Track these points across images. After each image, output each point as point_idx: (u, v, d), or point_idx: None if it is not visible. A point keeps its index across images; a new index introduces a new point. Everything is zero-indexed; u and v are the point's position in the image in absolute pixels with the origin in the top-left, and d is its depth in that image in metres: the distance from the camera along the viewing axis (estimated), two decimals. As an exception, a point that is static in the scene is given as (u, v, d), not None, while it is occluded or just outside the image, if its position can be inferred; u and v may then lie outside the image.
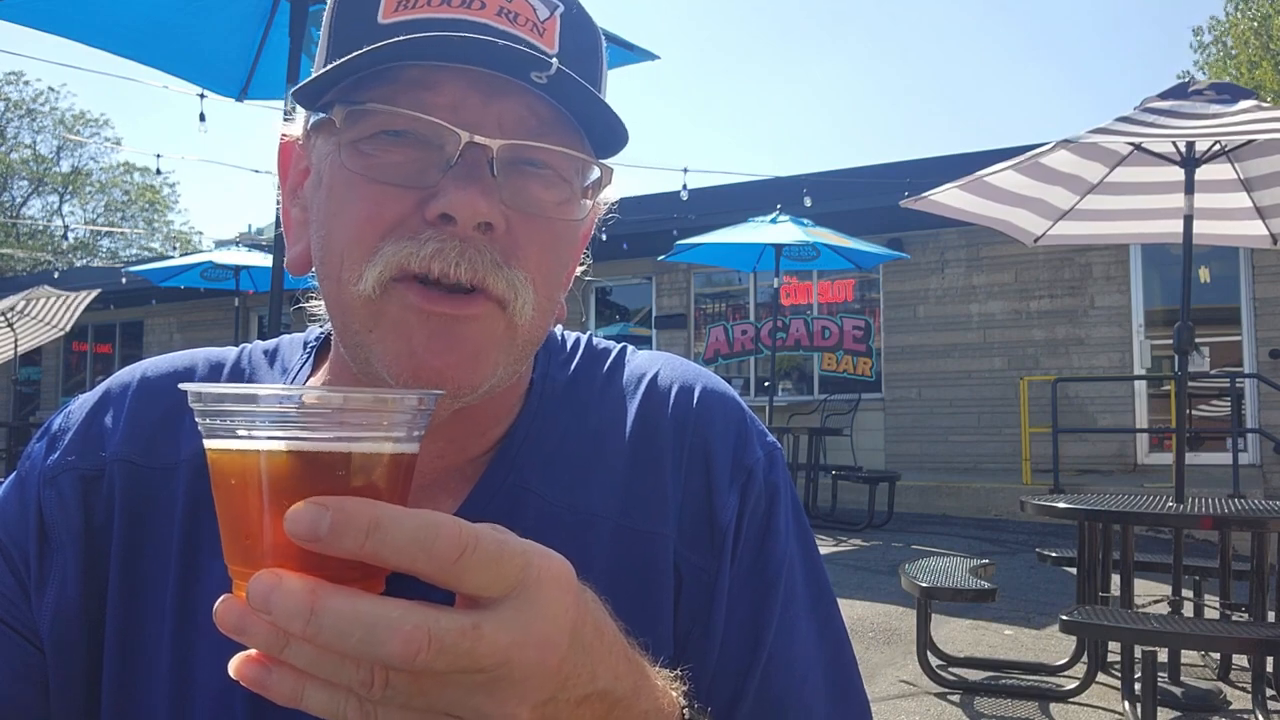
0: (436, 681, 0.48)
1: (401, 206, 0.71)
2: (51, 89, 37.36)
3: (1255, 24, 23.77)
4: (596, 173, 0.78)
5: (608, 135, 0.74)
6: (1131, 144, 4.91)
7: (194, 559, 0.79)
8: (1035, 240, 5.98)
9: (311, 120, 0.76)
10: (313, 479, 0.49)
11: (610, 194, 0.85)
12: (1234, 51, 24.60)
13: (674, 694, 0.64)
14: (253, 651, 0.50)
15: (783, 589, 0.82)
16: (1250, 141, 4.72)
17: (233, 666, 0.50)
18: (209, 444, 0.53)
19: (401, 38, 0.68)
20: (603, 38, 0.81)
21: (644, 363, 0.90)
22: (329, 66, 0.70)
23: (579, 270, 0.89)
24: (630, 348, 0.93)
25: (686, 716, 0.64)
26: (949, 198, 5.51)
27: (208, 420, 0.53)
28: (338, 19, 0.75)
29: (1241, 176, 5.31)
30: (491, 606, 0.49)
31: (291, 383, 0.86)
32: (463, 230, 0.69)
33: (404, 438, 0.53)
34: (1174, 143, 4.60)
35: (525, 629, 0.49)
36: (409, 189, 0.71)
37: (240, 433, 0.51)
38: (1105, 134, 4.42)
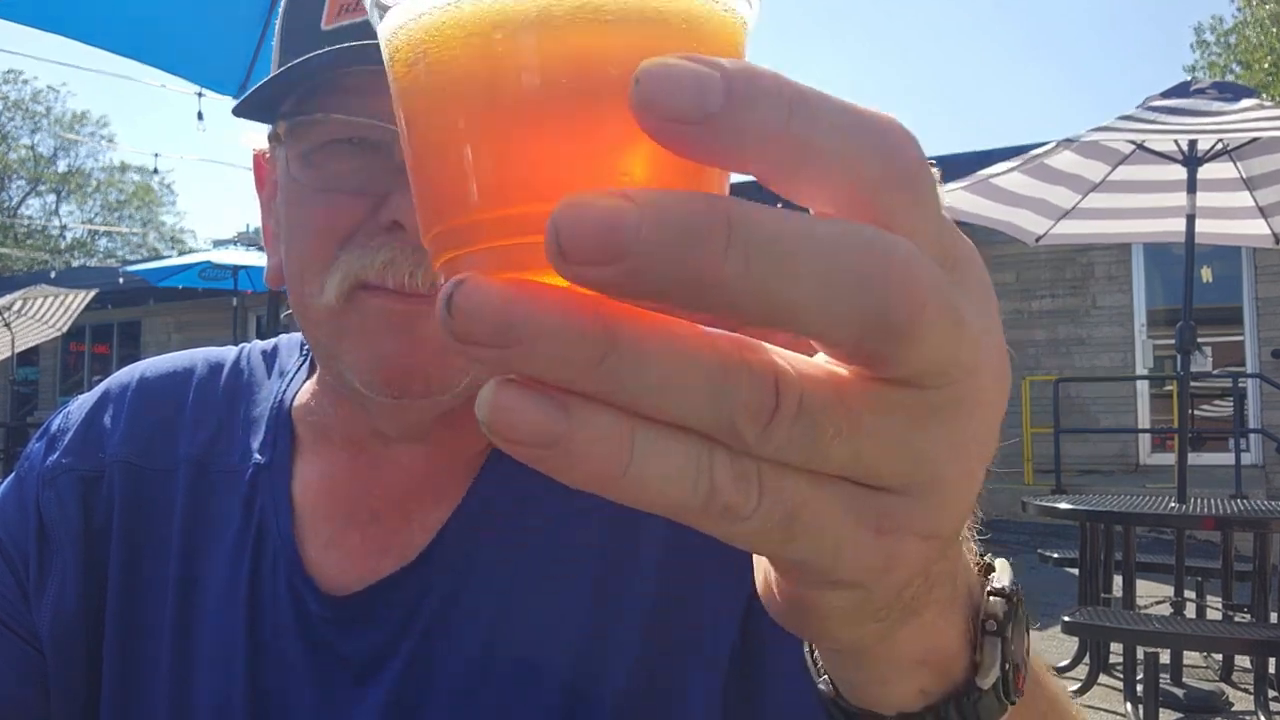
0: (874, 405, 0.27)
1: (354, 215, 0.70)
2: (51, 88, 37.41)
3: (1276, 8, 23.67)
4: None
5: None
6: (1134, 142, 4.91)
7: (194, 561, 0.79)
8: (1037, 240, 5.97)
9: (267, 133, 0.76)
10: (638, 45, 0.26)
11: None
12: (1252, 36, 24.46)
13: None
14: (519, 378, 0.26)
15: None
16: (1253, 140, 4.71)
17: (484, 407, 0.25)
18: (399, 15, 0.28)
19: (324, 50, 0.67)
20: None
21: None
22: (258, 84, 0.70)
23: None
24: None
25: (981, 555, 0.47)
26: (950, 197, 5.50)
27: None
28: (284, 28, 0.75)
29: (1244, 175, 5.31)
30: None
31: (287, 389, 0.85)
32: (414, 237, 0.68)
33: None
34: (1176, 141, 4.60)
35: (989, 317, 0.30)
36: (360, 196, 0.70)
37: None
38: (1107, 132, 4.41)
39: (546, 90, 0.26)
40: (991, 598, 0.42)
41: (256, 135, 0.79)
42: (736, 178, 0.33)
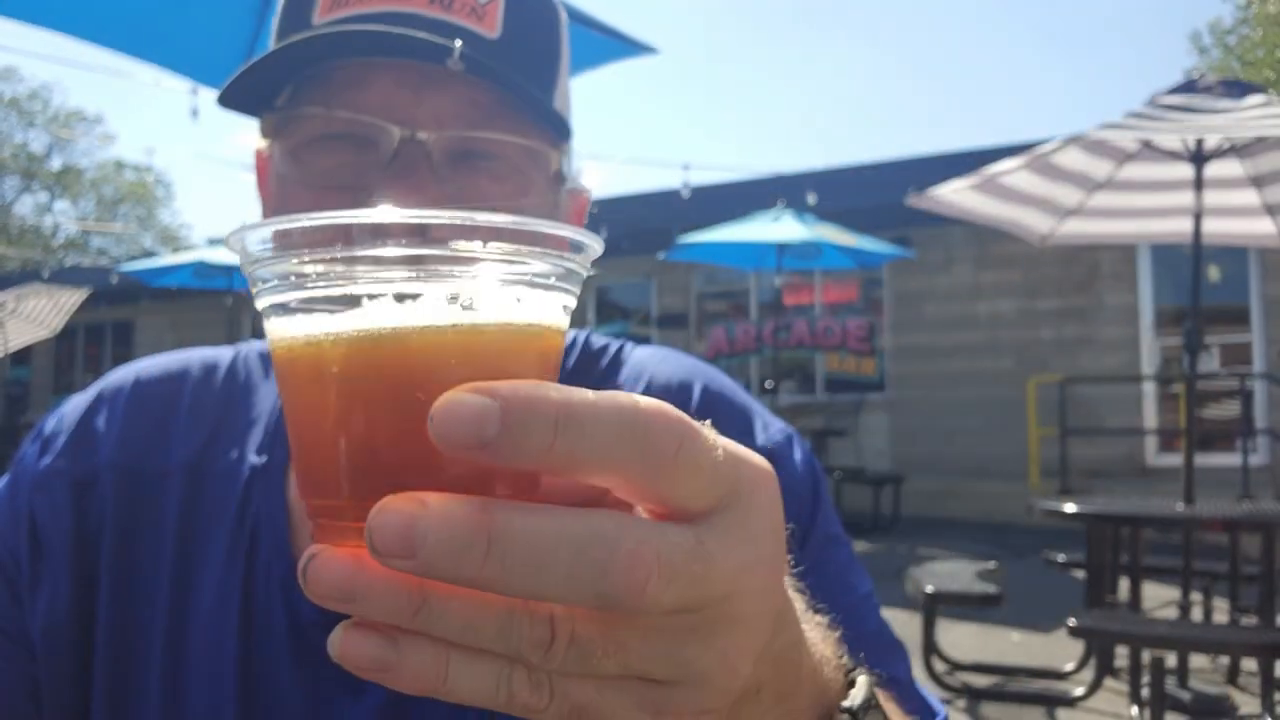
0: (641, 630, 0.35)
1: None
2: (46, 86, 37.50)
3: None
4: (558, 163, 0.76)
5: (556, 121, 0.72)
6: (1141, 140, 4.87)
7: (187, 568, 0.78)
8: (1043, 239, 5.94)
9: (260, 129, 0.77)
10: (444, 369, 0.34)
11: (591, 180, 0.84)
12: (1252, 35, 24.41)
13: (830, 645, 0.53)
14: (363, 620, 0.35)
15: (829, 564, 0.81)
16: (1260, 138, 4.67)
17: (334, 646, 0.35)
18: (279, 329, 0.36)
19: (296, 37, 0.67)
20: (562, 14, 0.78)
21: (644, 358, 0.89)
22: (237, 72, 0.69)
23: None
24: (629, 344, 0.91)
25: (849, 670, 0.53)
26: (956, 195, 5.48)
27: (269, 287, 0.35)
28: (280, 23, 0.75)
29: (1250, 173, 5.27)
30: (705, 521, 0.35)
31: None
32: None
33: (565, 311, 0.37)
34: (1183, 139, 4.57)
35: (752, 548, 0.36)
36: (348, 191, 0.70)
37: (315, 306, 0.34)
38: (1114, 129, 4.39)
39: (376, 412, 0.34)
40: (841, 714, 0.50)
41: (258, 137, 0.79)
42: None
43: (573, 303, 0.38)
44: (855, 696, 0.51)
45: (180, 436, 0.82)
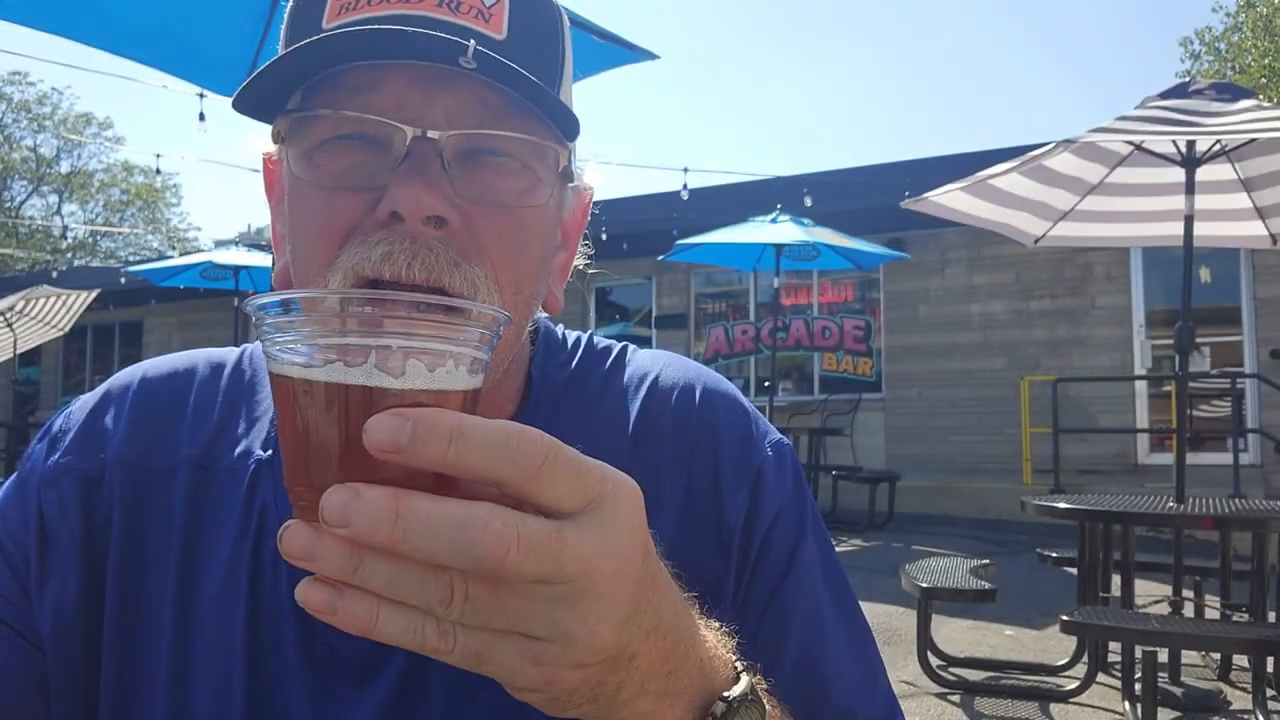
0: (517, 594, 0.46)
1: (354, 211, 0.70)
2: (55, 90, 37.38)
3: (1268, 12, 23.58)
4: (566, 160, 0.77)
5: (565, 118, 0.72)
6: (1132, 143, 4.91)
7: (193, 562, 0.79)
8: (1035, 241, 5.98)
9: (271, 134, 0.76)
10: (383, 404, 0.47)
11: (594, 179, 0.84)
12: (1240, 42, 24.40)
13: (725, 649, 0.63)
14: (320, 576, 0.47)
15: (805, 583, 0.81)
16: (1251, 141, 4.71)
17: (299, 592, 0.46)
18: (276, 367, 0.50)
19: (311, 39, 0.67)
20: (564, 17, 0.79)
21: (646, 362, 0.89)
22: (254, 74, 0.70)
23: (580, 263, 0.88)
24: (632, 347, 0.92)
25: (739, 669, 0.63)
26: (949, 199, 5.50)
27: (274, 337, 0.49)
28: (289, 28, 0.75)
29: (1241, 176, 5.30)
30: (571, 518, 0.47)
31: None
32: (412, 228, 0.68)
33: (473, 367, 0.50)
34: (1174, 142, 4.60)
35: (606, 540, 0.47)
36: (361, 192, 0.70)
37: (300, 355, 0.48)
38: (1106, 133, 4.41)
39: (336, 430, 0.47)
40: (718, 702, 0.59)
41: (266, 141, 0.79)
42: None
43: (485, 355, 0.50)
44: (737, 689, 0.60)
45: (187, 433, 0.83)
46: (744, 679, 0.62)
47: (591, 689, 0.51)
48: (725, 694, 0.60)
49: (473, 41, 0.65)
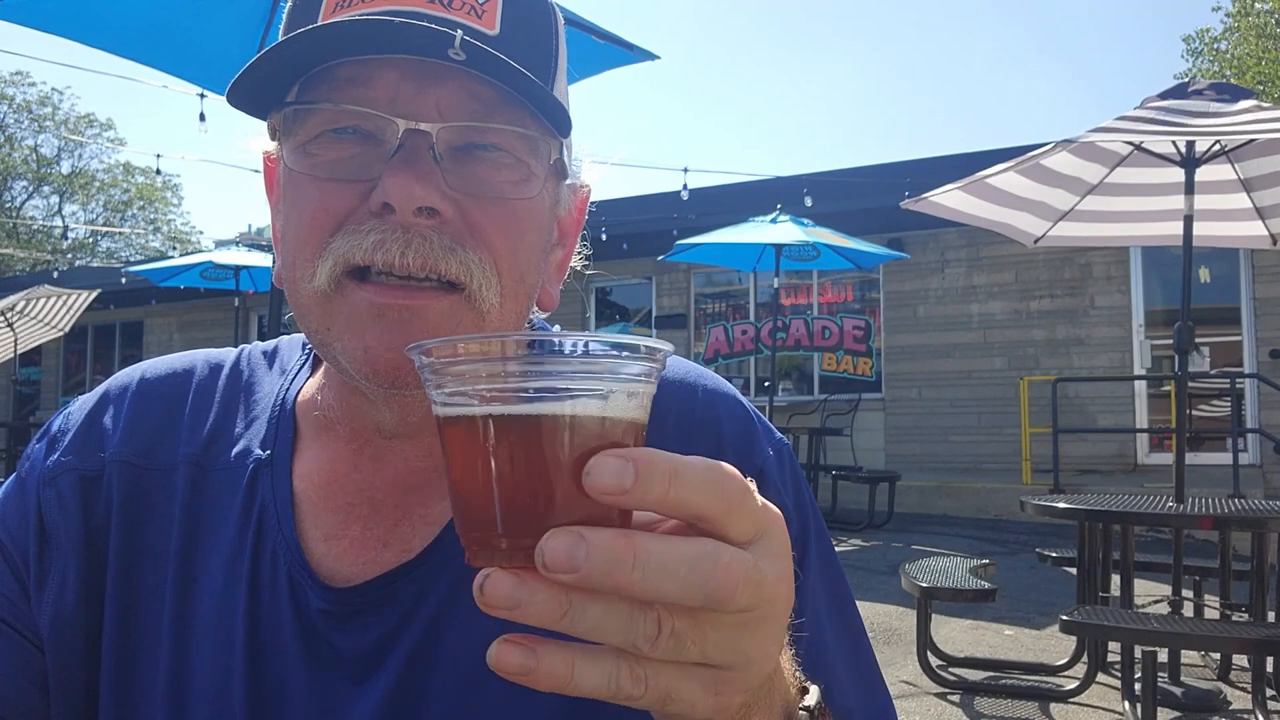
0: (713, 625, 0.47)
1: (346, 201, 0.71)
2: (56, 90, 37.38)
3: (1262, 19, 23.62)
4: (559, 152, 0.77)
5: (558, 113, 0.72)
6: (1131, 144, 4.91)
7: (192, 561, 0.79)
8: (1035, 241, 5.98)
9: (267, 131, 0.77)
10: (581, 441, 0.46)
11: (591, 177, 0.84)
12: (1239, 47, 24.44)
13: (789, 659, 0.63)
14: (510, 636, 0.46)
15: (807, 588, 0.81)
16: (1250, 141, 4.71)
17: (493, 656, 0.45)
18: (455, 410, 0.47)
19: (304, 29, 0.68)
20: (558, 14, 0.79)
21: None
22: (243, 68, 0.70)
23: (577, 263, 0.88)
24: None
25: (802, 680, 0.64)
26: (949, 199, 5.51)
27: (449, 381, 0.47)
28: (287, 28, 0.76)
29: (1241, 177, 5.31)
30: (751, 547, 0.47)
31: (289, 385, 0.86)
32: (403, 218, 0.69)
33: (644, 401, 0.50)
34: (1174, 142, 4.60)
35: (778, 566, 0.49)
36: (353, 183, 0.71)
37: (482, 397, 0.46)
38: (1105, 133, 4.41)
39: (535, 470, 0.45)
40: (800, 711, 0.61)
41: (266, 140, 0.79)
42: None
43: (653, 389, 0.50)
44: (810, 699, 0.62)
45: (185, 432, 0.83)
46: (813, 689, 0.63)
47: (744, 711, 0.53)
48: (803, 703, 0.61)
49: (459, 32, 0.65)
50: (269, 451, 0.81)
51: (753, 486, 0.48)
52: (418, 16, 0.68)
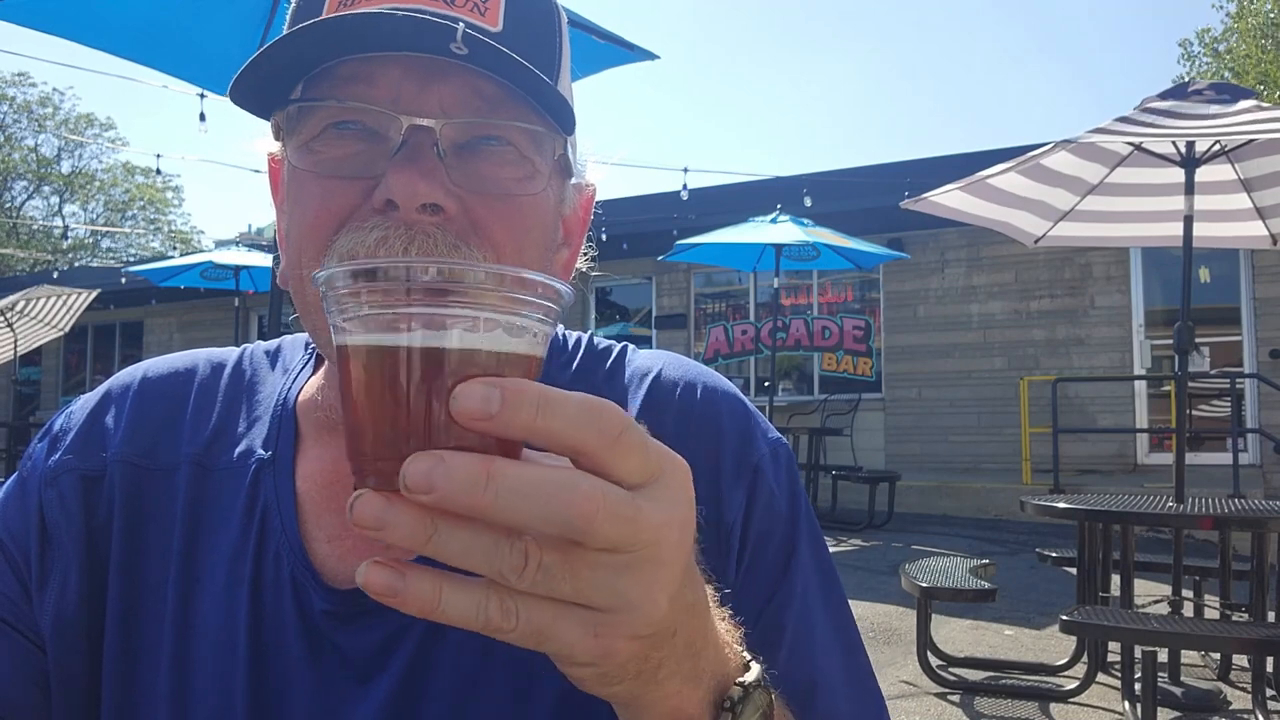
0: (587, 563, 0.46)
1: (350, 198, 0.71)
2: (57, 90, 37.39)
3: (1262, 19, 23.65)
4: (563, 149, 0.76)
5: (562, 109, 0.72)
6: (1131, 144, 4.91)
7: (194, 561, 0.79)
8: (1035, 241, 5.98)
9: (271, 130, 0.77)
10: (457, 371, 0.46)
11: (594, 175, 0.84)
12: (1240, 47, 24.46)
13: (735, 637, 0.63)
14: (380, 558, 0.46)
15: (797, 584, 0.81)
16: (1250, 141, 4.71)
17: (360, 576, 0.45)
18: (344, 338, 0.48)
19: (304, 24, 0.67)
20: (561, 12, 0.79)
21: (646, 361, 0.89)
22: (244, 65, 0.70)
23: (581, 264, 0.88)
24: (631, 346, 0.92)
25: (747, 657, 0.63)
26: (949, 199, 5.51)
27: (342, 308, 0.48)
28: (290, 26, 0.75)
29: (1241, 177, 5.31)
30: (638, 489, 0.47)
31: (292, 384, 0.86)
32: (407, 215, 0.69)
33: (539, 337, 0.50)
34: (1174, 143, 4.60)
35: (670, 510, 0.48)
36: (357, 180, 0.71)
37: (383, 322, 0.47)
38: (1105, 134, 4.41)
39: (414, 397, 0.45)
40: (734, 686, 0.60)
41: (269, 141, 0.79)
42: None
43: (550, 329, 0.50)
44: (749, 676, 0.61)
45: (187, 432, 0.83)
46: (755, 667, 0.62)
47: (639, 664, 0.51)
48: (740, 679, 0.60)
49: (461, 25, 0.65)
50: (271, 451, 0.81)
51: (643, 428, 0.47)
52: (420, 13, 0.68)
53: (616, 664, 0.50)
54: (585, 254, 0.88)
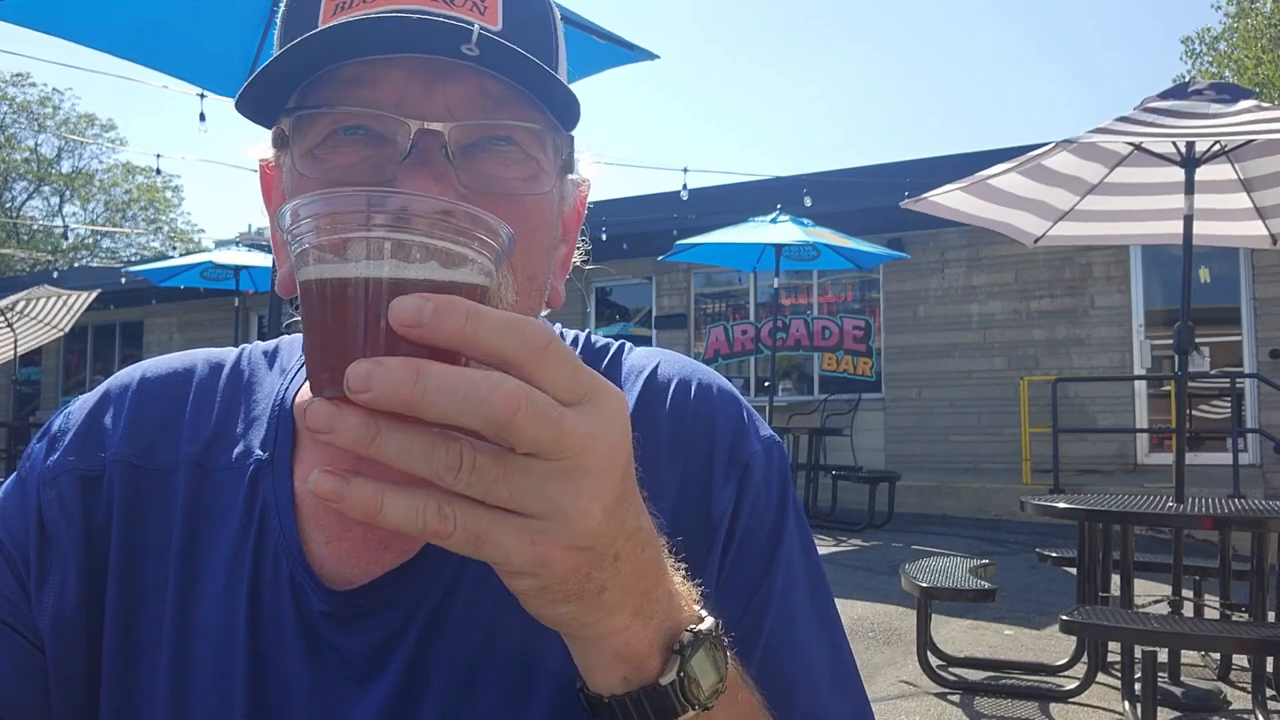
0: (518, 468, 0.49)
1: None
2: (57, 90, 37.39)
3: (1261, 20, 23.68)
4: (568, 149, 0.77)
5: (566, 106, 0.72)
6: (1131, 144, 4.91)
7: (194, 561, 0.79)
8: (1035, 241, 5.99)
9: (271, 138, 0.76)
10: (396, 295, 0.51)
11: (590, 171, 0.84)
12: (1235, 50, 24.51)
13: (691, 593, 0.64)
14: (329, 468, 0.49)
15: (781, 580, 0.81)
16: (1250, 141, 4.72)
17: (311, 482, 0.49)
18: (305, 273, 0.52)
19: (309, 34, 0.67)
20: (555, 9, 0.79)
21: (642, 358, 0.89)
22: (252, 76, 0.70)
23: (578, 260, 0.89)
24: (628, 344, 0.92)
25: (702, 613, 0.64)
26: (949, 199, 5.51)
27: (300, 241, 0.52)
28: (284, 32, 0.75)
29: (1241, 176, 5.31)
30: (568, 406, 0.49)
31: (289, 386, 0.86)
32: None
33: (481, 269, 0.54)
34: (1174, 143, 4.61)
35: (599, 426, 0.50)
36: (367, 186, 0.70)
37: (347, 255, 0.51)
38: (1105, 134, 4.41)
39: (363, 320, 0.50)
40: (685, 633, 0.61)
41: (263, 147, 0.79)
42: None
43: (489, 265, 0.54)
44: (702, 626, 0.62)
45: (186, 432, 0.83)
46: (709, 619, 0.63)
47: (579, 582, 0.53)
48: (691, 627, 0.62)
49: (477, 26, 0.65)
50: (269, 452, 0.81)
51: (573, 351, 0.50)
52: (426, 14, 0.68)
53: (555, 576, 0.52)
54: (578, 248, 0.88)
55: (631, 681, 0.60)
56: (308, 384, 0.52)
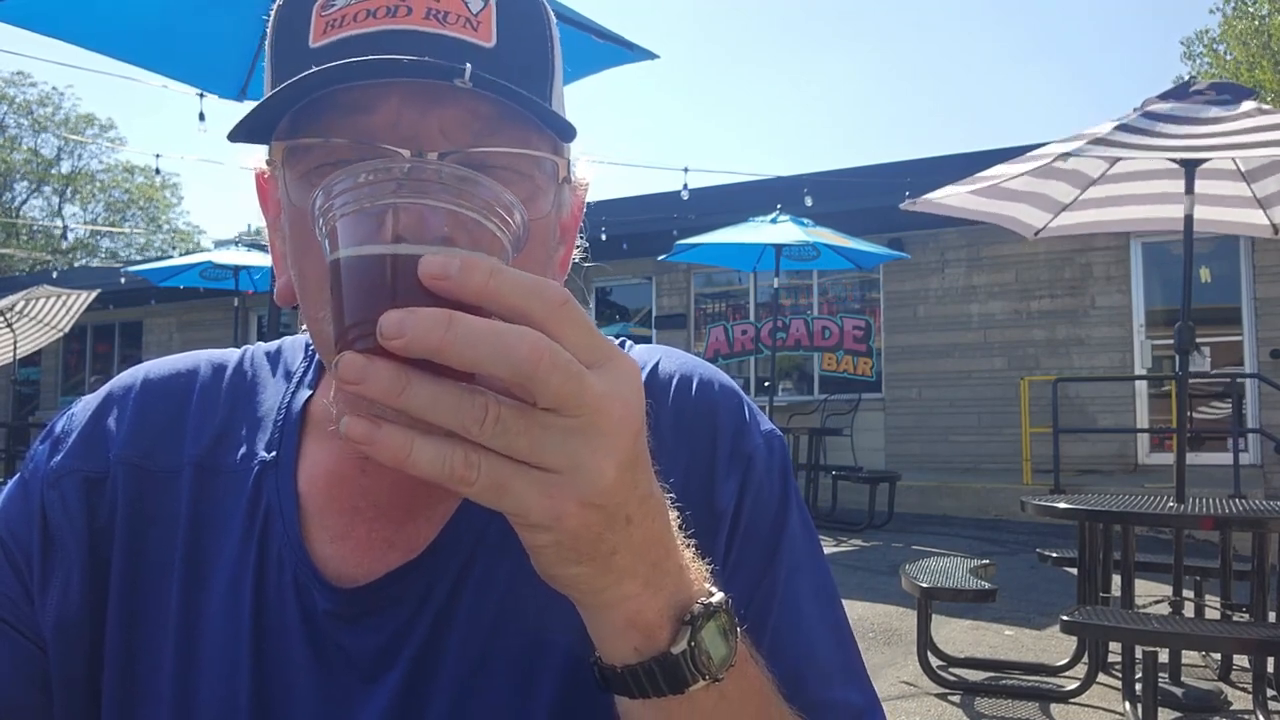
0: (539, 422, 0.51)
1: None
2: (56, 90, 37.40)
3: (1256, 23, 23.74)
4: (566, 169, 0.77)
5: (561, 123, 0.72)
6: (1131, 153, 4.90)
7: (197, 563, 0.79)
8: (1036, 234, 5.98)
9: (266, 151, 0.76)
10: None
11: (589, 171, 0.84)
12: (1229, 54, 24.56)
13: (700, 569, 0.65)
14: (361, 414, 0.51)
15: (785, 571, 0.81)
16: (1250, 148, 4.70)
17: (343, 426, 0.50)
18: (337, 254, 0.54)
19: (305, 74, 0.66)
20: (550, 14, 0.79)
21: (642, 354, 0.89)
22: (253, 107, 0.69)
23: (576, 256, 0.89)
24: (629, 341, 0.92)
25: (712, 589, 0.64)
26: (949, 198, 5.51)
27: (329, 213, 0.55)
28: (274, 49, 0.74)
29: (1242, 169, 5.31)
30: (590, 369, 0.52)
31: (293, 387, 0.86)
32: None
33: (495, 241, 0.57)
34: (1170, 159, 4.60)
35: (615, 387, 0.53)
36: None
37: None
38: (1104, 145, 4.39)
39: (389, 280, 0.52)
40: (696, 605, 0.62)
41: (259, 155, 0.78)
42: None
43: (507, 242, 0.57)
44: (712, 599, 0.63)
45: (190, 433, 0.83)
46: (719, 594, 0.64)
47: (592, 541, 0.55)
48: (702, 600, 0.62)
49: (469, 66, 0.65)
50: (274, 454, 0.81)
51: (585, 313, 0.53)
52: (414, 35, 0.68)
53: (569, 532, 0.53)
54: (576, 245, 0.88)
55: (643, 651, 0.61)
56: (336, 348, 0.53)
